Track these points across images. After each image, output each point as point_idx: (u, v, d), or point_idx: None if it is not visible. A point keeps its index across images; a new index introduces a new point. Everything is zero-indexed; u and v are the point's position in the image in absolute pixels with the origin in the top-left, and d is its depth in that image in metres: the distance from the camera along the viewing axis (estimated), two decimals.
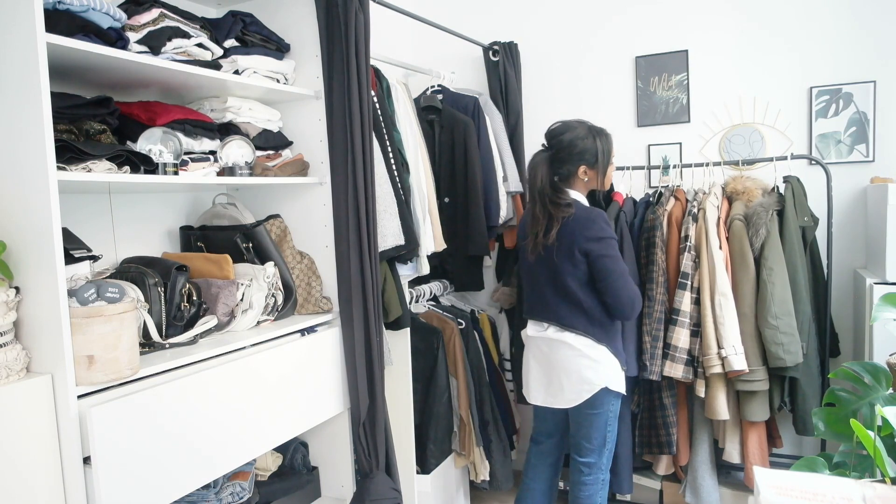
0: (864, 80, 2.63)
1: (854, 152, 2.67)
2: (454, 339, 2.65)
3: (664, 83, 2.95)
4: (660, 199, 2.63)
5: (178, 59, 1.75)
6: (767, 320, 2.30)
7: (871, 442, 1.17)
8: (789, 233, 2.38)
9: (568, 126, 2.16)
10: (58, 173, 1.36)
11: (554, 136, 2.16)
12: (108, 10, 1.55)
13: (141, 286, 1.66)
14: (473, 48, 3.11)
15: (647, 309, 2.45)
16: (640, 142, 3.00)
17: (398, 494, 2.11)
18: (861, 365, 1.61)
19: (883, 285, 2.28)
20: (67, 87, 1.69)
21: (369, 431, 2.08)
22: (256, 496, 2.03)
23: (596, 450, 2.18)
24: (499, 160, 2.79)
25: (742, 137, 2.84)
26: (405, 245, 2.17)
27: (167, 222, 2.13)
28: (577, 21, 3.09)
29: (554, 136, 2.16)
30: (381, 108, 2.20)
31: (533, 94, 3.17)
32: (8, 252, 1.42)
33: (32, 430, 1.35)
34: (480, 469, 2.67)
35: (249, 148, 1.98)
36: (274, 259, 2.05)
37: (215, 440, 1.64)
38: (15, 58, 1.35)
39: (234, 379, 1.71)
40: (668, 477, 2.74)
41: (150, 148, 1.69)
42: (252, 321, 1.94)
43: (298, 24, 2.11)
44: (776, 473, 1.13)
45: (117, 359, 1.42)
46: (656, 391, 2.54)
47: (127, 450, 1.42)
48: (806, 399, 2.37)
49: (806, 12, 2.70)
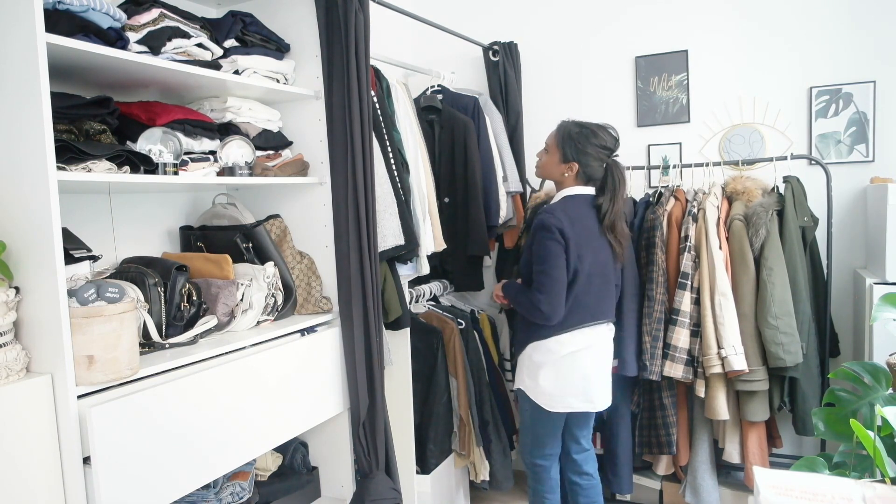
0: (864, 81, 2.63)
1: (854, 152, 2.67)
2: (454, 339, 2.65)
3: (664, 83, 2.95)
4: (660, 199, 2.63)
5: (177, 59, 1.75)
6: (767, 320, 2.30)
7: (871, 442, 1.17)
8: (789, 233, 2.38)
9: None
10: (58, 173, 1.36)
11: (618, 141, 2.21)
12: (108, 10, 1.55)
13: (141, 286, 1.65)
14: (473, 48, 3.11)
15: (647, 309, 2.45)
16: (640, 142, 3.00)
17: (398, 494, 2.12)
18: (861, 365, 1.61)
19: (883, 285, 2.28)
20: (67, 87, 1.69)
21: (369, 431, 2.08)
22: (256, 496, 2.03)
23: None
24: (499, 160, 2.79)
25: (742, 137, 2.84)
26: (405, 245, 2.17)
27: (167, 222, 2.13)
28: (577, 21, 3.09)
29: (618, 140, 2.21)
30: (381, 108, 2.20)
31: (533, 94, 3.18)
32: (8, 252, 1.42)
33: (32, 430, 1.35)
34: (480, 469, 2.67)
35: (249, 148, 1.98)
36: (274, 259, 2.05)
37: (215, 440, 1.64)
38: (15, 58, 1.35)
39: (234, 379, 1.71)
40: (668, 477, 2.74)
41: (150, 148, 1.69)
42: (252, 321, 1.94)
43: (298, 24, 2.11)
44: (776, 473, 1.13)
45: (117, 359, 1.42)
46: (656, 391, 2.54)
47: (127, 450, 1.42)
48: (806, 399, 2.37)
49: (806, 12, 2.70)
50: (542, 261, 2.07)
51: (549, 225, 2.06)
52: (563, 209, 2.12)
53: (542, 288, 2.06)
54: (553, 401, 2.16)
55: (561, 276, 2.05)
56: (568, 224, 2.07)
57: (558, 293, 2.05)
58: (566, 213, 2.10)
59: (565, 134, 2.16)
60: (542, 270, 2.07)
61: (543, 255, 2.06)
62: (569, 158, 2.15)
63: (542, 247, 2.07)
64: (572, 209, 2.13)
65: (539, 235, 2.08)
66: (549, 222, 2.06)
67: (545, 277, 2.06)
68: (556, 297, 2.05)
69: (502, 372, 2.99)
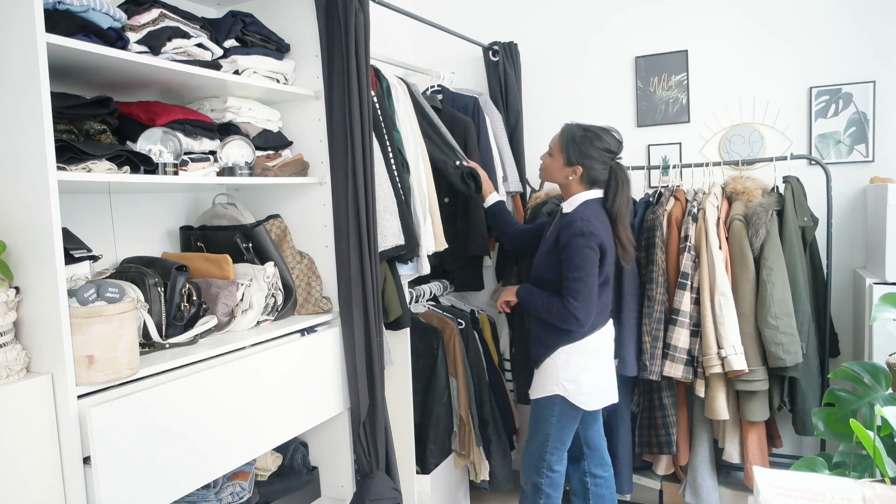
0: (864, 81, 2.63)
1: (854, 152, 2.67)
2: (454, 339, 2.65)
3: (664, 83, 2.95)
4: (659, 200, 2.63)
5: (178, 59, 1.75)
6: (767, 320, 2.30)
7: (871, 442, 1.17)
8: (789, 233, 2.38)
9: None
10: (58, 173, 1.36)
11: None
12: (108, 10, 1.55)
13: (141, 286, 1.65)
14: (473, 48, 3.11)
15: (647, 309, 2.45)
16: (640, 142, 3.00)
17: (398, 494, 2.12)
18: (861, 365, 1.61)
19: (883, 285, 2.28)
20: (67, 87, 1.69)
21: (369, 431, 2.08)
22: (256, 496, 2.03)
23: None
24: (499, 160, 2.79)
25: (742, 137, 2.84)
26: (405, 245, 2.17)
27: (167, 222, 2.13)
28: (577, 21, 3.09)
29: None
30: (381, 108, 2.20)
31: (533, 94, 3.18)
32: (8, 252, 1.42)
33: (32, 430, 1.35)
34: (480, 469, 2.67)
35: (249, 148, 1.98)
36: (274, 259, 2.05)
37: (215, 440, 1.64)
38: (15, 58, 1.35)
39: (234, 379, 1.71)
40: (667, 477, 2.74)
41: (150, 148, 1.69)
42: (252, 321, 1.94)
43: (298, 24, 2.11)
44: (776, 473, 1.13)
45: (117, 359, 1.42)
46: (656, 391, 2.54)
47: (127, 450, 1.42)
48: (805, 399, 2.37)
49: (806, 12, 2.70)
50: (579, 268, 2.06)
51: (588, 233, 2.05)
52: (595, 216, 2.12)
53: (578, 296, 2.05)
54: (593, 399, 2.19)
55: (595, 284, 2.07)
56: (603, 231, 2.09)
57: (594, 301, 2.07)
58: (598, 220, 2.11)
59: (569, 137, 2.16)
60: (580, 278, 2.06)
61: (580, 262, 2.05)
62: (573, 162, 2.15)
63: (580, 255, 2.05)
64: (599, 215, 2.14)
65: (576, 243, 2.06)
66: (588, 230, 2.06)
67: (581, 285, 2.05)
68: (592, 304, 2.07)
69: (502, 372, 2.99)
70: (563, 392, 2.15)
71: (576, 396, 2.15)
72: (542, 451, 2.23)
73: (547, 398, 2.19)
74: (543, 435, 2.22)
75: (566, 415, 2.18)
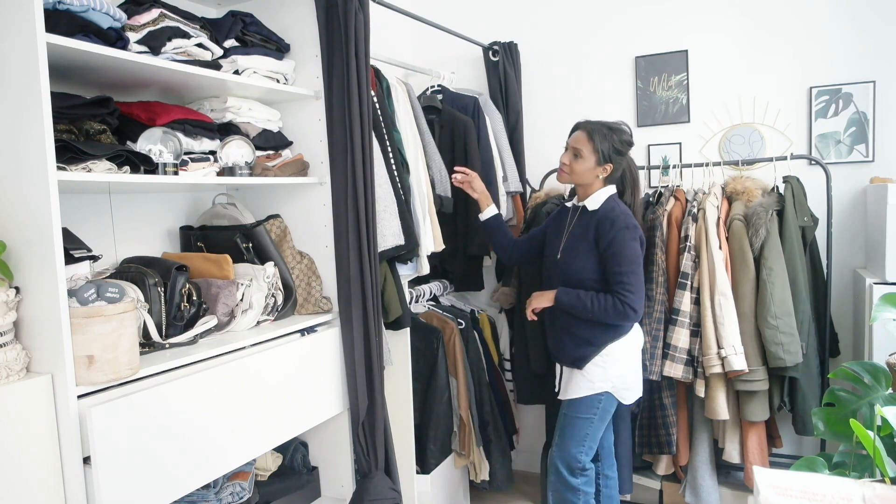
0: (864, 81, 2.63)
1: (854, 152, 2.67)
2: (454, 339, 2.65)
3: (664, 83, 2.95)
4: (659, 199, 2.63)
5: (178, 59, 1.75)
6: (767, 320, 2.31)
7: (871, 442, 1.17)
8: (789, 233, 2.38)
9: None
10: (58, 173, 1.36)
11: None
12: (108, 10, 1.55)
13: (141, 286, 1.65)
14: (473, 48, 3.11)
15: (648, 309, 2.45)
16: (640, 142, 3.00)
17: (397, 494, 2.12)
18: (861, 365, 1.61)
19: (883, 285, 2.28)
20: (67, 87, 1.69)
21: (369, 431, 2.08)
22: (256, 496, 2.03)
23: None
24: (499, 160, 2.79)
25: (742, 137, 2.84)
26: (405, 245, 2.17)
27: (167, 222, 2.13)
28: (577, 21, 3.09)
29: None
30: (381, 108, 2.20)
31: (533, 94, 3.18)
32: (8, 252, 1.42)
33: (32, 430, 1.35)
34: (480, 469, 2.67)
35: (249, 148, 1.98)
36: (274, 259, 2.05)
37: (215, 440, 1.64)
38: (15, 58, 1.35)
39: (234, 379, 1.71)
40: (667, 477, 2.74)
41: (150, 148, 1.69)
42: (252, 321, 1.94)
43: (298, 24, 2.11)
44: (776, 473, 1.13)
45: (117, 359, 1.42)
46: (656, 391, 2.54)
47: (127, 450, 1.42)
48: (806, 399, 2.37)
49: (806, 12, 2.70)
50: (630, 261, 2.07)
51: (632, 225, 2.09)
52: (626, 210, 2.16)
53: (632, 288, 2.06)
54: (631, 393, 2.22)
55: (643, 275, 2.12)
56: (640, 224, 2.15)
57: (643, 291, 2.10)
58: (630, 213, 2.15)
59: (599, 136, 2.14)
60: (632, 271, 2.07)
61: (630, 255, 2.07)
62: (607, 160, 2.15)
63: (629, 247, 2.07)
64: (626, 209, 2.17)
65: (623, 235, 2.06)
66: (631, 223, 2.10)
67: (635, 278, 2.06)
68: (643, 295, 2.10)
69: (502, 372, 2.99)
70: (612, 388, 2.15)
71: (621, 392, 2.17)
72: (578, 450, 2.18)
73: (593, 396, 2.15)
74: (582, 434, 2.17)
75: (607, 412, 2.19)
